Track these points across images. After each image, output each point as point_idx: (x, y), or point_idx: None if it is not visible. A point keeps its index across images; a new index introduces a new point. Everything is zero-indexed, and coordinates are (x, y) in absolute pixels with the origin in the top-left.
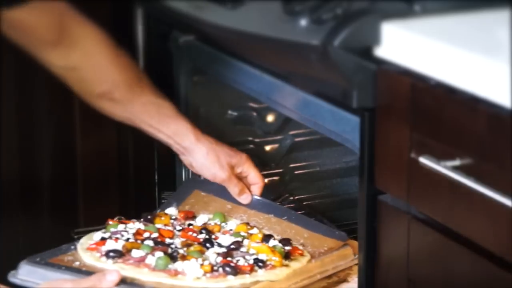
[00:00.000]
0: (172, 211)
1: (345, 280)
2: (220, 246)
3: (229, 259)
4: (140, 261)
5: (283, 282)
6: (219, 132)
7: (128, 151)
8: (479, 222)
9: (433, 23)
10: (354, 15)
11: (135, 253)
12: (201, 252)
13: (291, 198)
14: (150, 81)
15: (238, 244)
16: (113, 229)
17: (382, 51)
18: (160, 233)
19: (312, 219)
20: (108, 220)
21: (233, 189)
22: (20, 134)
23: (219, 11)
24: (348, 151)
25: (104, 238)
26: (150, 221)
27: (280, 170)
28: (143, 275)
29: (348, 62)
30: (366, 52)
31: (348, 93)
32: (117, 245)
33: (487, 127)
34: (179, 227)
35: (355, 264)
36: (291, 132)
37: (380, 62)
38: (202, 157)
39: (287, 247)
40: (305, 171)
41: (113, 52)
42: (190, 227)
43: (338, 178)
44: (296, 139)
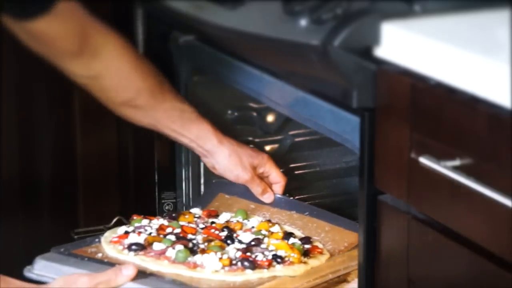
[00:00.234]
0: (196, 210)
1: (345, 280)
2: (241, 242)
3: (248, 254)
4: (161, 254)
5: (296, 281)
6: None
7: (128, 151)
8: (479, 222)
9: (433, 23)
10: (354, 15)
11: (156, 246)
12: (222, 247)
13: (291, 198)
14: (172, 86)
15: (258, 241)
16: (137, 224)
17: (382, 51)
18: (183, 229)
19: (334, 213)
20: (133, 216)
21: (255, 189)
22: (20, 134)
23: (219, 11)
24: (348, 151)
25: (127, 232)
26: (174, 218)
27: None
28: (163, 267)
29: (348, 62)
30: (366, 52)
31: (348, 93)
32: (139, 239)
33: (487, 127)
34: (202, 225)
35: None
36: (291, 132)
37: (380, 62)
38: (224, 159)
39: (307, 246)
40: (305, 171)
41: (135, 60)
42: (213, 225)
43: (338, 178)
44: (296, 139)
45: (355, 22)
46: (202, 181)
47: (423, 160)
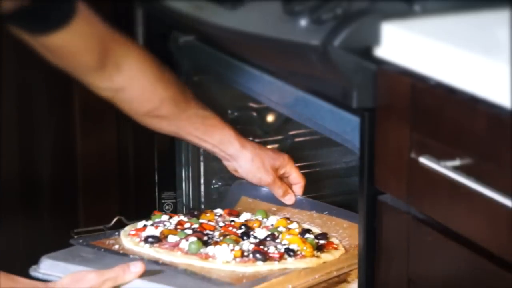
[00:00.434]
0: (219, 210)
1: (345, 280)
2: (256, 238)
3: (260, 247)
4: (175, 246)
5: (303, 277)
6: None
7: (128, 151)
8: (479, 222)
9: (433, 23)
10: (354, 15)
11: (170, 238)
12: (236, 241)
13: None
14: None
15: (273, 237)
16: (157, 219)
17: (382, 51)
18: (202, 226)
19: (353, 212)
20: (154, 212)
21: (277, 191)
22: (20, 134)
23: (219, 11)
24: (348, 151)
25: (146, 225)
26: (196, 216)
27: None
28: (176, 258)
29: (348, 62)
30: (366, 52)
31: (348, 93)
32: (156, 232)
33: (487, 127)
34: (222, 223)
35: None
36: (291, 132)
37: (380, 62)
38: (247, 163)
39: (322, 241)
40: (305, 171)
41: (157, 70)
42: (232, 223)
43: (338, 178)
44: (296, 139)
45: (355, 22)
46: (202, 181)
47: (423, 160)
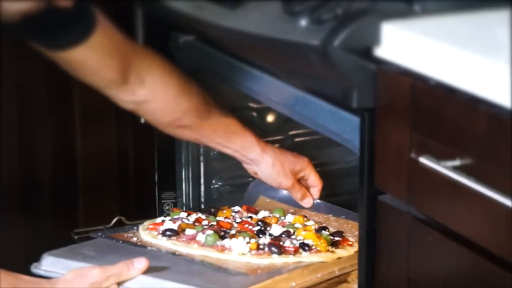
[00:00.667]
0: (236, 207)
1: (345, 281)
2: (271, 235)
3: (276, 241)
4: (192, 239)
5: (306, 275)
6: None
7: (128, 151)
8: (479, 222)
9: (433, 23)
10: (354, 15)
11: (188, 232)
12: (252, 236)
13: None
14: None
15: (288, 233)
16: (175, 216)
17: (382, 51)
18: (219, 223)
19: None
20: (173, 209)
21: (296, 194)
22: (20, 134)
23: (219, 11)
24: (348, 151)
25: (164, 220)
26: (213, 214)
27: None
28: (192, 250)
29: (348, 62)
30: (366, 52)
31: (348, 93)
32: (174, 226)
33: (487, 127)
34: (239, 219)
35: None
36: (291, 132)
37: (380, 62)
38: (268, 168)
39: (337, 238)
40: None
41: (180, 82)
42: (249, 219)
43: (338, 178)
44: (296, 139)
45: (355, 22)
46: (202, 181)
47: (423, 160)
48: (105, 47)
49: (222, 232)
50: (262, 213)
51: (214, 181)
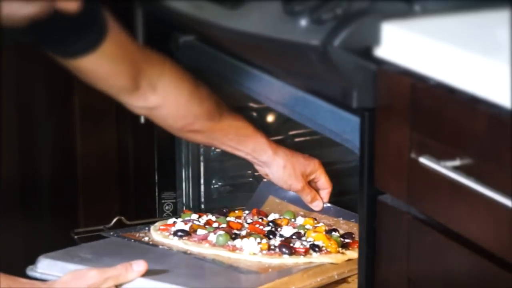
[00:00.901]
0: (246, 211)
1: (345, 281)
2: (282, 236)
3: (286, 242)
4: (203, 239)
5: (305, 279)
6: None
7: (128, 151)
8: (479, 222)
9: (433, 23)
10: (354, 15)
11: (199, 232)
12: (262, 238)
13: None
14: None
15: (298, 235)
16: (186, 218)
17: (382, 51)
18: (229, 224)
19: None
20: (184, 211)
21: (305, 197)
22: (20, 134)
23: (219, 11)
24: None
25: (176, 222)
26: (224, 214)
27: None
28: (204, 249)
29: (348, 62)
30: (366, 52)
31: (348, 93)
32: (185, 227)
33: (487, 127)
34: (250, 220)
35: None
36: (291, 132)
37: (380, 62)
38: (279, 170)
39: (347, 240)
40: None
41: (192, 87)
42: (260, 220)
43: (338, 178)
44: (296, 139)
45: (355, 22)
46: (202, 181)
47: (423, 160)
48: (116, 54)
49: (233, 234)
50: (272, 216)
51: (214, 181)
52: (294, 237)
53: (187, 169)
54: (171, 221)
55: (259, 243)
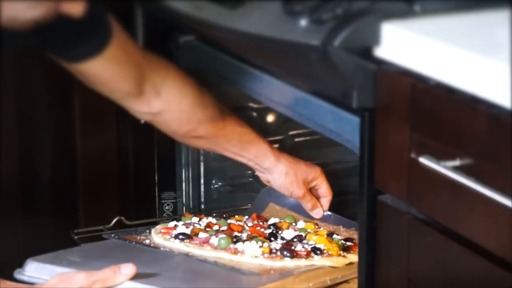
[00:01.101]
0: (246, 216)
1: (345, 281)
2: (283, 239)
3: (288, 246)
4: (204, 242)
5: (297, 284)
6: None
7: (128, 151)
8: (479, 222)
9: (433, 23)
10: (354, 15)
11: (201, 235)
12: (264, 241)
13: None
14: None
15: (300, 237)
16: (187, 221)
17: (382, 51)
18: (230, 227)
19: None
20: (185, 214)
21: (306, 204)
22: (20, 135)
23: (219, 11)
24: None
25: (177, 225)
26: (225, 218)
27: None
28: (205, 252)
29: (348, 62)
30: (366, 52)
31: (348, 93)
32: (186, 230)
33: (487, 128)
34: (250, 223)
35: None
36: (291, 132)
37: (380, 62)
38: (281, 177)
39: (349, 243)
40: None
41: (196, 93)
42: (261, 223)
43: (338, 178)
44: (296, 139)
45: (355, 22)
46: (202, 181)
47: (423, 160)
48: (120, 59)
49: (235, 237)
50: (273, 220)
51: (214, 181)
52: (295, 239)
53: (187, 169)
54: (172, 224)
55: (260, 246)
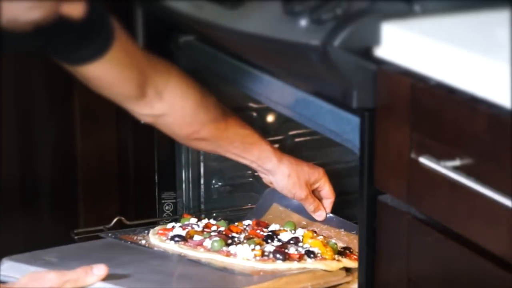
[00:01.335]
0: (247, 221)
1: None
2: (279, 241)
3: (282, 249)
4: (198, 245)
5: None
6: None
7: (128, 151)
8: (479, 222)
9: (433, 23)
10: (354, 15)
11: (196, 238)
12: (260, 244)
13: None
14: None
15: (296, 240)
16: (186, 222)
17: (382, 51)
18: (230, 228)
19: None
20: (184, 215)
21: (309, 206)
22: (20, 134)
23: (219, 11)
24: (348, 151)
25: (174, 226)
26: (227, 224)
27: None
28: (198, 253)
29: (348, 62)
30: (366, 52)
31: (348, 93)
32: (183, 232)
33: (487, 128)
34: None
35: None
36: (291, 132)
37: (380, 62)
38: (284, 179)
39: (346, 250)
40: None
41: (198, 95)
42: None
43: (338, 178)
44: (296, 139)
45: (355, 22)
46: (202, 181)
47: (423, 160)
48: (123, 61)
49: (229, 239)
50: (273, 227)
51: (214, 181)
52: (291, 242)
53: (187, 169)
54: (170, 225)
55: (253, 249)
